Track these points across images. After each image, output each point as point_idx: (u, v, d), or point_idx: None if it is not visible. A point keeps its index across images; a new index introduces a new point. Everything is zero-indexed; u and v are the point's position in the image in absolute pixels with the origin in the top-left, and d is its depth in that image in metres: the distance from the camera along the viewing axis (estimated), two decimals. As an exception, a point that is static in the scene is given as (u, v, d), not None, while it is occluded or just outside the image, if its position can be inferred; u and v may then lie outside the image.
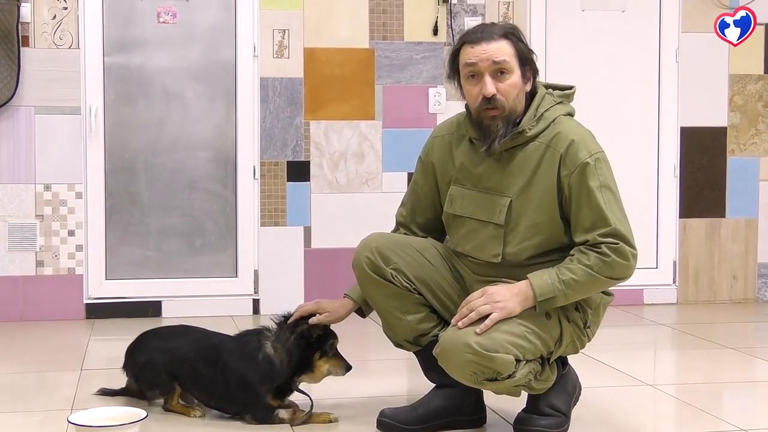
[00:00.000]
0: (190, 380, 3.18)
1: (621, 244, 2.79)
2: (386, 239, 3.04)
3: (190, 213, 5.14)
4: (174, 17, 5.06)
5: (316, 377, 3.09)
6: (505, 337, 2.74)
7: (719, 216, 5.56)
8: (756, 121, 5.57)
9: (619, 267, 2.79)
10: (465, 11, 5.26)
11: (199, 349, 3.20)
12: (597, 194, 2.80)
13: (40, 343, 4.49)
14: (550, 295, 2.78)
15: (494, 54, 2.83)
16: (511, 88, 2.85)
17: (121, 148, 5.05)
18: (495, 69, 2.84)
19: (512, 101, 2.86)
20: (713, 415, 3.32)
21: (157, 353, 3.21)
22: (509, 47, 2.86)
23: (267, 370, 3.05)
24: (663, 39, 5.47)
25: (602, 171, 2.84)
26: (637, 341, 4.73)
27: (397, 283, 2.96)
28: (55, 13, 4.91)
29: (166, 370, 3.18)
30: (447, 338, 2.80)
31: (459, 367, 2.78)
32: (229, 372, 3.09)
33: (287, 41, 5.13)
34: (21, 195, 4.92)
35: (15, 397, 3.52)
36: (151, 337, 3.32)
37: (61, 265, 4.96)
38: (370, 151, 5.22)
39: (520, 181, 2.89)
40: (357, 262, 3.01)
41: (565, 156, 2.84)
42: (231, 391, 3.10)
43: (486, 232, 2.93)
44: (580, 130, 2.91)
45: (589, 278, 2.78)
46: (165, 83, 5.08)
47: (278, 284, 5.13)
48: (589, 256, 2.79)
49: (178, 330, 3.35)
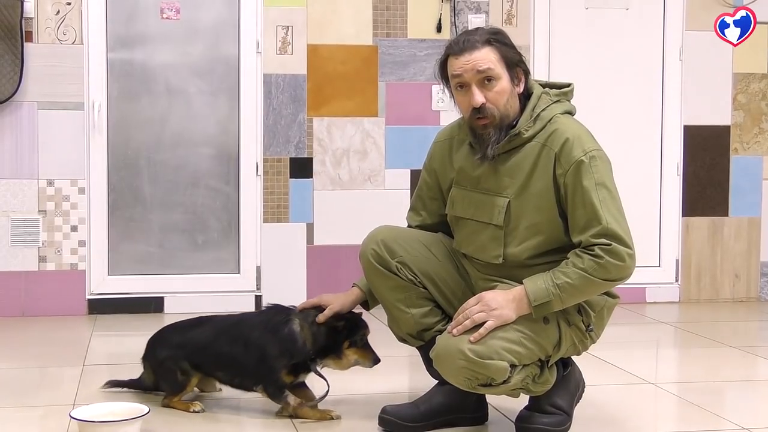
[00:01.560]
0: (212, 363, 3.18)
1: (614, 245, 2.75)
2: (394, 232, 3.05)
3: (192, 209, 5.14)
4: (177, 13, 5.06)
5: (343, 365, 3.10)
6: (500, 344, 2.74)
7: (722, 215, 5.56)
8: (759, 120, 5.57)
9: (614, 269, 2.75)
10: (468, 8, 5.26)
11: (219, 330, 3.20)
12: (592, 193, 2.78)
13: (42, 339, 4.49)
14: (545, 299, 2.77)
15: (478, 63, 2.82)
16: (500, 95, 2.84)
17: (124, 144, 5.05)
18: (481, 78, 2.82)
19: (503, 107, 2.85)
20: (715, 414, 3.32)
21: (177, 349, 3.21)
22: (493, 54, 2.83)
23: (288, 345, 3.05)
24: (667, 37, 5.47)
25: (598, 169, 2.80)
26: (640, 339, 4.73)
27: (402, 276, 2.97)
28: (59, 8, 4.91)
29: (188, 360, 3.18)
30: (442, 344, 2.80)
31: (453, 373, 2.78)
32: (251, 344, 3.10)
33: (291, 38, 5.13)
34: (24, 190, 4.92)
35: (17, 393, 3.52)
36: (172, 332, 3.32)
37: (63, 260, 4.97)
38: (373, 148, 5.22)
39: (517, 182, 2.88)
40: (363, 253, 3.02)
41: (559, 155, 2.82)
42: (251, 364, 3.09)
43: (486, 233, 2.93)
44: (576, 128, 2.88)
45: (585, 281, 2.76)
46: (168, 79, 5.09)
47: (281, 281, 5.13)
48: (584, 259, 2.76)
49: (197, 321, 3.34)
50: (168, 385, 3.24)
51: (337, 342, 3.06)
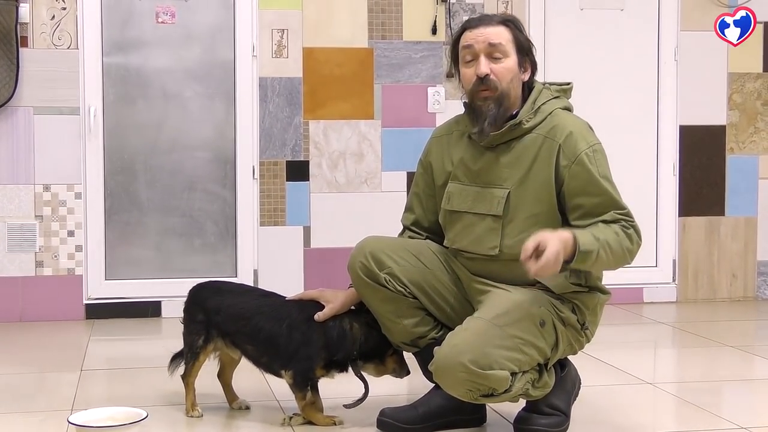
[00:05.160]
0: (246, 335, 3.10)
1: (635, 223, 2.85)
2: (381, 243, 3.04)
3: (189, 213, 5.14)
4: (173, 17, 5.06)
5: (380, 372, 3.10)
6: (499, 352, 2.74)
7: (719, 214, 5.56)
8: (755, 120, 5.58)
9: (635, 243, 2.82)
10: (464, 10, 5.26)
11: (261, 305, 3.14)
12: (602, 181, 2.84)
13: (39, 344, 4.49)
14: (591, 247, 2.71)
15: (491, 36, 2.89)
16: (506, 71, 2.89)
17: (121, 149, 5.05)
18: (491, 51, 2.89)
19: (506, 84, 2.89)
20: (713, 413, 3.32)
21: (211, 314, 3.14)
22: (507, 33, 2.92)
23: (335, 340, 3.02)
24: (662, 37, 5.48)
25: (600, 162, 2.87)
26: (637, 339, 4.73)
27: (391, 288, 2.96)
28: (54, 13, 4.91)
29: (217, 328, 3.12)
30: (442, 356, 2.78)
31: (454, 386, 2.79)
32: (296, 328, 3.04)
33: (286, 41, 5.13)
34: (20, 195, 4.92)
35: (15, 398, 3.52)
36: (211, 294, 3.23)
37: (60, 265, 4.96)
38: (369, 151, 5.22)
39: (518, 173, 2.90)
40: (351, 266, 3.02)
41: (564, 147, 2.86)
42: (290, 346, 3.03)
43: (484, 224, 2.93)
44: (578, 122, 2.94)
45: (617, 245, 2.78)
46: (164, 83, 5.09)
47: (278, 284, 5.07)
48: (613, 227, 2.80)
49: (238, 289, 3.32)
50: (186, 346, 3.20)
51: (384, 349, 3.07)
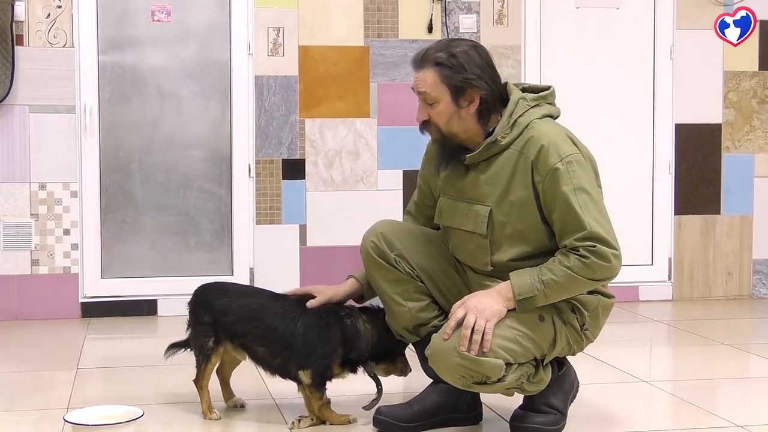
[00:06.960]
0: (257, 336, 3.06)
1: (599, 246, 2.75)
2: (394, 226, 3.09)
3: (185, 211, 5.13)
4: (168, 15, 5.06)
5: (389, 372, 3.12)
6: (496, 341, 2.74)
7: (714, 213, 5.57)
8: (750, 118, 5.58)
9: (599, 269, 2.76)
10: (460, 8, 5.26)
11: (271, 306, 3.09)
12: (571, 198, 2.77)
13: (35, 342, 4.49)
14: (529, 294, 2.78)
15: (419, 84, 2.92)
16: (439, 116, 2.90)
17: (116, 147, 5.05)
18: (423, 97, 2.91)
19: (444, 127, 2.90)
20: (708, 411, 3.33)
21: (219, 315, 3.10)
22: (435, 76, 2.88)
23: (351, 338, 3.02)
24: (657, 36, 5.48)
25: (575, 173, 2.79)
26: (633, 338, 4.73)
27: (400, 269, 3.00)
28: (49, 11, 4.90)
29: (225, 330, 3.08)
30: (437, 341, 2.80)
31: (448, 371, 2.79)
32: (311, 326, 3.02)
33: (282, 39, 5.13)
34: (16, 194, 4.91)
35: (11, 397, 3.52)
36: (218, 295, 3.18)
37: (56, 264, 4.96)
38: (365, 149, 5.22)
39: (497, 190, 2.89)
40: (363, 246, 3.06)
41: (536, 162, 2.82)
42: (306, 345, 3.00)
43: (473, 242, 2.95)
44: (553, 133, 2.86)
45: (570, 279, 2.76)
46: (159, 82, 5.08)
47: (274, 282, 5.08)
48: (569, 258, 2.77)
49: (246, 290, 3.31)
50: (197, 349, 3.16)
51: (397, 350, 3.10)
